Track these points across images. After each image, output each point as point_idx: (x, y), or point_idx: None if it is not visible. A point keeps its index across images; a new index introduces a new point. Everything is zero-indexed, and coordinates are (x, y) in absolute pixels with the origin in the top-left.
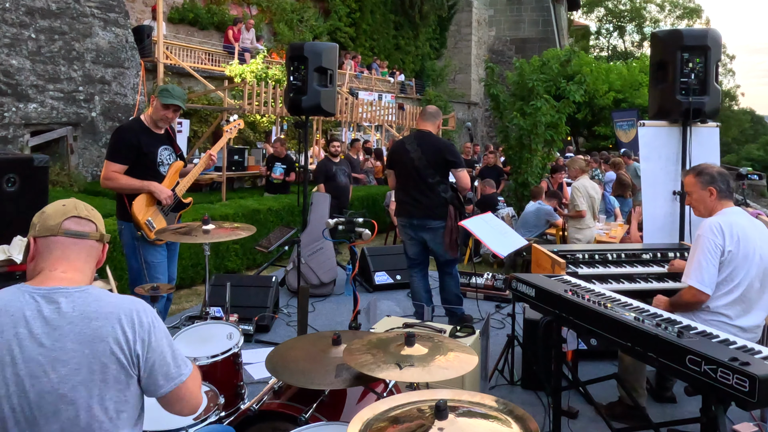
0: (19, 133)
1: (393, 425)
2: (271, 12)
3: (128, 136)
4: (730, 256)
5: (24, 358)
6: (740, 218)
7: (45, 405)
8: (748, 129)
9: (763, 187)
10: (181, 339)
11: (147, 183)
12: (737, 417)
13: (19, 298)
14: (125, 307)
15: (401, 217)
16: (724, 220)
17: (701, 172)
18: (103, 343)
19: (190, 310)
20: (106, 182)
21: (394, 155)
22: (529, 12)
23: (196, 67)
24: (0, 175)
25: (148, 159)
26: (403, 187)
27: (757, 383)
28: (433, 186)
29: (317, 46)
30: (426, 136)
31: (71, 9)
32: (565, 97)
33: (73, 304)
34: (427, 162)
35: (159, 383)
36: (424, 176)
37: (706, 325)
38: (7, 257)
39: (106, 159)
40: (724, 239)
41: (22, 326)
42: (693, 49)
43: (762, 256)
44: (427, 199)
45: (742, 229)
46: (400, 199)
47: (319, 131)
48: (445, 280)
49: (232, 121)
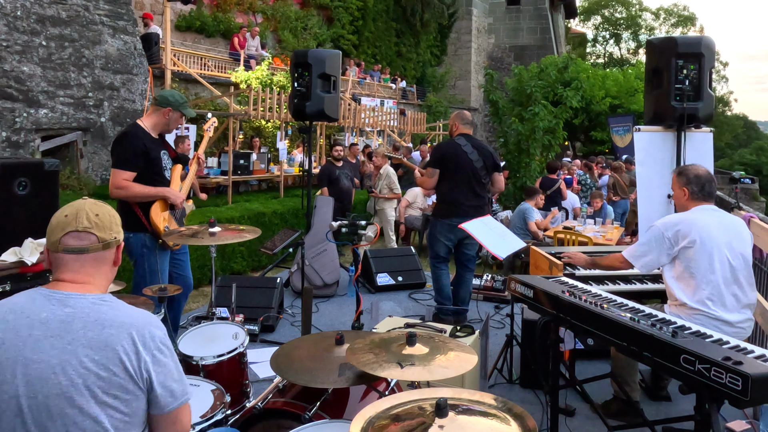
0: (30, 138)
1: (394, 423)
2: (275, 20)
3: (135, 143)
4: (686, 251)
5: (35, 360)
6: (705, 216)
7: (53, 407)
8: (741, 134)
9: (756, 191)
10: (188, 339)
11: (162, 189)
12: (730, 415)
13: (35, 301)
14: (140, 321)
15: (454, 218)
16: (684, 216)
17: (681, 173)
18: (113, 351)
19: (196, 310)
20: (118, 191)
21: (451, 157)
22: (528, 20)
23: (203, 74)
24: (11, 179)
25: (155, 164)
26: (460, 188)
27: (750, 382)
28: (485, 187)
29: (321, 54)
30: (477, 140)
31: (81, 17)
32: (563, 103)
33: (88, 310)
34: (483, 164)
35: (166, 400)
36: (479, 177)
37: (692, 322)
38: (18, 259)
39: (114, 168)
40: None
41: (36, 328)
42: (687, 56)
43: (732, 252)
44: (481, 200)
45: (705, 226)
46: (455, 200)
47: (323, 136)
48: (466, 276)
49: (208, 119)
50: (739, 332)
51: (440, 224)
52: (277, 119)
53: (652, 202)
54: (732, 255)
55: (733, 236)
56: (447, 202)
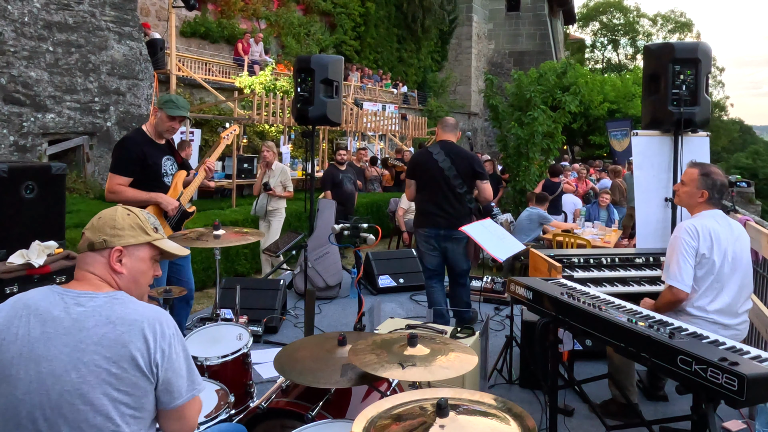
0: (37, 142)
1: (396, 422)
2: (279, 26)
3: (132, 149)
4: (704, 258)
5: (47, 358)
6: (714, 222)
7: (64, 404)
8: (737, 138)
9: (751, 194)
10: (193, 340)
11: (154, 195)
12: (726, 415)
13: (49, 298)
14: (150, 316)
15: (426, 228)
16: (699, 222)
17: (707, 174)
18: (125, 348)
19: (201, 312)
20: (111, 195)
21: (420, 165)
22: (527, 26)
23: (207, 79)
24: (19, 183)
25: (152, 170)
26: (430, 197)
27: (746, 382)
28: (461, 196)
29: (323, 59)
30: (453, 147)
31: (87, 23)
32: (562, 108)
33: (100, 308)
34: (456, 172)
35: (174, 395)
36: (453, 186)
37: (692, 325)
38: (26, 261)
39: (111, 172)
40: (698, 241)
41: (49, 326)
42: (684, 62)
43: (735, 257)
44: (455, 209)
45: (715, 232)
46: (425, 209)
47: (326, 140)
48: (457, 291)
49: (228, 127)
50: (735, 334)
51: (418, 235)
52: (280, 124)
53: (649, 205)
54: (736, 261)
55: (737, 244)
56: (419, 212)
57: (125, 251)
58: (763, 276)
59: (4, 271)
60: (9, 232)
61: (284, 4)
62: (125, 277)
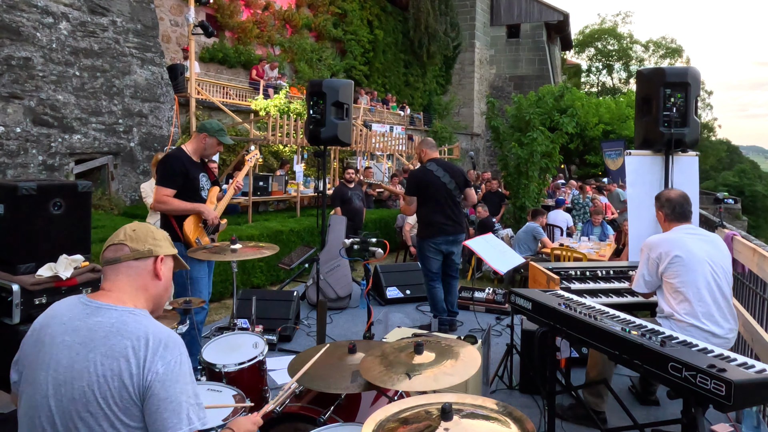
0: (64, 162)
1: (403, 426)
2: (292, 52)
3: (177, 164)
4: (671, 267)
5: (63, 365)
6: (684, 235)
7: (73, 412)
8: (725, 158)
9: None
10: (211, 348)
11: (197, 205)
12: (715, 419)
13: (72, 308)
14: (155, 336)
15: (439, 237)
16: (664, 236)
17: (657, 197)
18: (124, 362)
19: (219, 321)
20: (160, 205)
21: (426, 183)
22: (527, 52)
23: (225, 102)
24: (47, 200)
25: (192, 184)
26: (438, 209)
27: (733, 388)
28: (459, 204)
29: (334, 83)
30: (446, 163)
31: (112, 49)
32: (559, 129)
33: (114, 320)
34: (456, 184)
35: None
36: (454, 197)
37: (682, 333)
38: (54, 274)
39: (158, 184)
40: (660, 253)
41: (68, 334)
42: (674, 86)
43: (713, 267)
44: (458, 216)
45: (684, 244)
46: (433, 220)
47: (337, 160)
48: (453, 284)
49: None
50: (724, 342)
51: (426, 244)
52: (294, 144)
53: (641, 221)
54: (715, 269)
55: (714, 252)
56: (428, 224)
57: (164, 260)
58: (750, 288)
59: (34, 283)
60: (38, 246)
61: (297, 31)
62: (161, 284)
